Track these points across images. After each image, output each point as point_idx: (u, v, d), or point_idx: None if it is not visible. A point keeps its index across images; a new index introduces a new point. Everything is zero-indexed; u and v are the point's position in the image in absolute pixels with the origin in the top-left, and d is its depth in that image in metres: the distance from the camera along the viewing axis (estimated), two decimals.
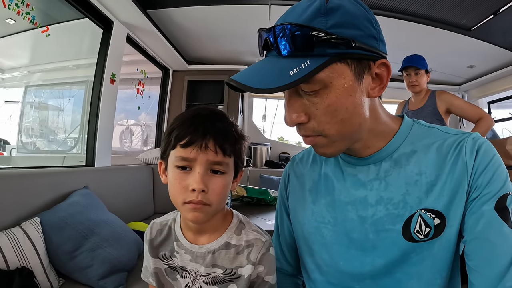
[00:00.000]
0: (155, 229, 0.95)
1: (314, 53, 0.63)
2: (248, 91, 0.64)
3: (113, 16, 3.05)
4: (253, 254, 0.85)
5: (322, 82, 0.65)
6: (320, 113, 0.68)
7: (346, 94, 0.67)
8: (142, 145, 5.09)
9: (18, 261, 1.58)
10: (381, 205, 0.77)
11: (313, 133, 0.71)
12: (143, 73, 4.31)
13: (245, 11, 3.37)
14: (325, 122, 0.68)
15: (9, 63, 3.78)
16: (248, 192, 3.16)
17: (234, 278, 0.85)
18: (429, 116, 2.87)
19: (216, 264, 0.85)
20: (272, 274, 0.87)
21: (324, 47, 0.63)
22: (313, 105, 0.68)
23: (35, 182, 2.01)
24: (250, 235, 0.88)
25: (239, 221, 0.92)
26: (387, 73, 0.72)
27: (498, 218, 0.65)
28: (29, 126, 4.09)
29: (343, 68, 0.66)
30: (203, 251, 0.86)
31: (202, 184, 0.75)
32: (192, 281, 0.86)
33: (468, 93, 5.27)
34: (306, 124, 0.70)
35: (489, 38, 3.59)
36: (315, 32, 0.62)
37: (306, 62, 0.62)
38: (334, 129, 0.69)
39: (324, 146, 0.73)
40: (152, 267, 0.92)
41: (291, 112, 0.70)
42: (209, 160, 0.76)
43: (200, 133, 0.75)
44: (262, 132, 5.81)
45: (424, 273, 0.73)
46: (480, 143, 0.72)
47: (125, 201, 2.94)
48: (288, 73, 0.62)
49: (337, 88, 0.66)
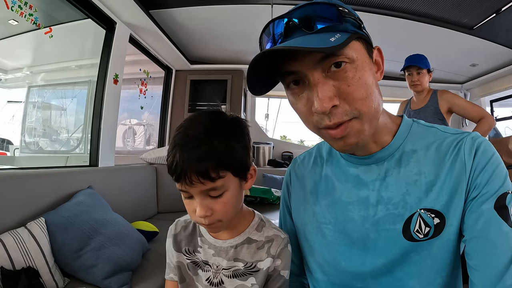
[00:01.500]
0: (180, 225, 1.00)
1: (340, 28, 0.65)
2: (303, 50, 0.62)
3: (116, 17, 3.06)
4: (273, 248, 0.89)
5: (350, 56, 0.65)
6: (352, 89, 0.66)
7: (368, 69, 0.68)
8: (145, 145, 5.10)
9: (24, 261, 1.59)
10: (382, 205, 0.77)
11: (346, 116, 0.67)
12: (146, 73, 4.32)
13: (247, 11, 3.38)
14: (358, 99, 0.66)
15: (12, 64, 3.79)
16: (251, 191, 3.17)
17: (254, 271, 0.88)
18: (431, 115, 2.86)
19: (238, 258, 0.90)
20: (287, 269, 0.91)
21: (347, 24, 0.67)
22: (343, 82, 0.66)
23: (39, 182, 2.02)
24: (270, 232, 0.93)
25: (260, 219, 0.97)
26: (381, 59, 0.76)
27: (498, 217, 0.65)
28: (32, 126, 4.11)
29: (360, 46, 0.69)
30: (226, 245, 0.91)
31: (203, 212, 0.77)
32: (214, 275, 0.90)
33: (471, 92, 5.26)
34: (338, 108, 0.67)
35: (491, 37, 3.58)
36: (341, 8, 0.66)
37: (336, 35, 0.63)
38: (367, 105, 0.67)
39: (356, 132, 0.69)
40: (175, 261, 0.95)
41: (323, 96, 0.65)
42: (201, 190, 0.76)
43: (180, 170, 0.74)
44: (265, 131, 5.81)
45: (425, 272, 0.74)
46: (479, 143, 0.72)
47: (129, 201, 2.95)
48: (328, 40, 0.62)
49: (361, 62, 0.67)
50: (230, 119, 0.85)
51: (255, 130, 5.52)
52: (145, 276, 1.95)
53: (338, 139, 0.70)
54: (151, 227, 2.57)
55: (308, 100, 0.70)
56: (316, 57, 0.64)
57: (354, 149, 0.74)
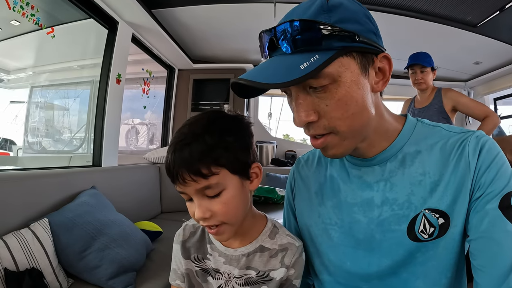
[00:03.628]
0: (188, 230, 0.96)
1: (322, 47, 0.64)
2: (258, 87, 0.63)
3: (118, 16, 3.05)
4: (287, 258, 0.86)
5: (331, 76, 0.64)
6: (330, 109, 0.66)
7: (355, 87, 0.67)
8: (148, 144, 5.11)
9: (28, 262, 1.59)
10: (387, 205, 0.77)
11: (324, 131, 0.69)
12: (148, 72, 4.32)
13: (250, 10, 3.37)
14: (336, 118, 0.67)
15: (14, 64, 3.81)
16: (255, 191, 3.16)
17: (266, 280, 0.86)
18: (435, 114, 2.86)
19: (250, 266, 0.87)
20: (299, 278, 0.89)
21: (331, 41, 0.63)
22: (322, 101, 0.67)
23: (43, 183, 2.02)
24: (284, 240, 0.89)
25: (273, 225, 0.93)
26: (389, 67, 0.72)
27: (502, 216, 0.65)
28: (35, 126, 4.12)
29: (350, 61, 0.66)
30: (238, 254, 0.88)
31: (201, 213, 0.75)
32: (225, 283, 0.88)
33: (474, 90, 5.23)
34: (316, 123, 0.69)
35: (495, 34, 3.56)
36: (322, 26, 0.63)
37: (315, 57, 0.62)
38: (346, 124, 0.68)
39: (335, 146, 0.72)
40: (184, 268, 0.93)
41: (301, 111, 0.68)
42: (196, 189, 0.74)
43: (173, 170, 0.74)
44: (268, 130, 5.81)
45: (430, 272, 0.73)
46: (484, 142, 0.71)
47: (132, 201, 2.96)
48: (298, 67, 0.61)
49: (346, 81, 0.65)
50: (228, 116, 0.84)
51: (258, 129, 5.51)
52: (150, 276, 1.95)
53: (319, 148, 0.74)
54: (155, 227, 2.57)
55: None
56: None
57: (339, 157, 0.76)
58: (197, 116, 0.82)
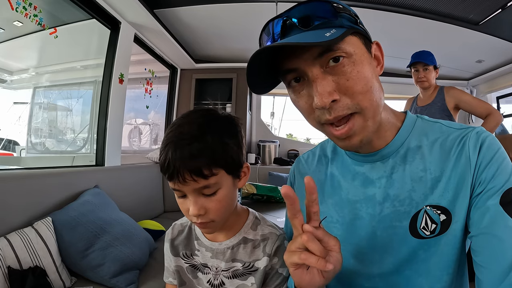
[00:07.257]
0: (177, 229, 1.00)
1: (336, 24, 0.67)
2: (299, 45, 0.64)
3: (120, 17, 3.06)
4: (268, 247, 0.89)
5: (347, 50, 0.66)
6: (351, 83, 0.66)
7: (366, 63, 0.69)
8: (150, 144, 5.11)
9: (31, 261, 1.60)
10: (388, 202, 0.77)
11: (348, 110, 0.67)
12: (151, 72, 4.33)
13: (252, 9, 3.37)
14: (358, 93, 0.66)
15: (17, 65, 3.81)
16: (258, 190, 3.16)
17: (252, 271, 0.88)
18: (438, 112, 2.85)
19: (236, 258, 0.90)
20: (285, 266, 0.88)
21: (342, 19, 0.68)
22: (342, 76, 0.66)
23: (46, 182, 2.03)
24: (265, 230, 0.92)
25: (255, 217, 0.96)
26: (381, 53, 0.77)
27: (504, 212, 0.64)
28: (38, 126, 4.13)
29: (358, 41, 0.69)
30: (223, 247, 0.90)
31: (197, 211, 0.76)
32: (214, 277, 0.91)
33: (477, 88, 5.21)
34: (338, 103, 0.67)
35: (497, 32, 3.55)
36: (335, 4, 0.68)
37: (332, 30, 0.64)
38: (368, 99, 0.67)
39: (361, 130, 0.70)
40: (173, 265, 0.96)
41: (323, 91, 0.65)
42: (194, 188, 0.76)
43: (172, 168, 0.74)
44: (271, 129, 5.81)
45: (432, 269, 0.73)
46: (484, 137, 0.71)
47: (135, 200, 2.97)
48: (324, 35, 0.63)
49: (359, 56, 0.67)
50: (222, 116, 0.85)
51: (261, 129, 5.52)
52: (152, 275, 1.96)
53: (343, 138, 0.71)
54: (158, 226, 2.58)
55: (309, 96, 0.70)
56: (313, 53, 0.65)
57: (358, 147, 0.74)
58: (189, 113, 0.83)
